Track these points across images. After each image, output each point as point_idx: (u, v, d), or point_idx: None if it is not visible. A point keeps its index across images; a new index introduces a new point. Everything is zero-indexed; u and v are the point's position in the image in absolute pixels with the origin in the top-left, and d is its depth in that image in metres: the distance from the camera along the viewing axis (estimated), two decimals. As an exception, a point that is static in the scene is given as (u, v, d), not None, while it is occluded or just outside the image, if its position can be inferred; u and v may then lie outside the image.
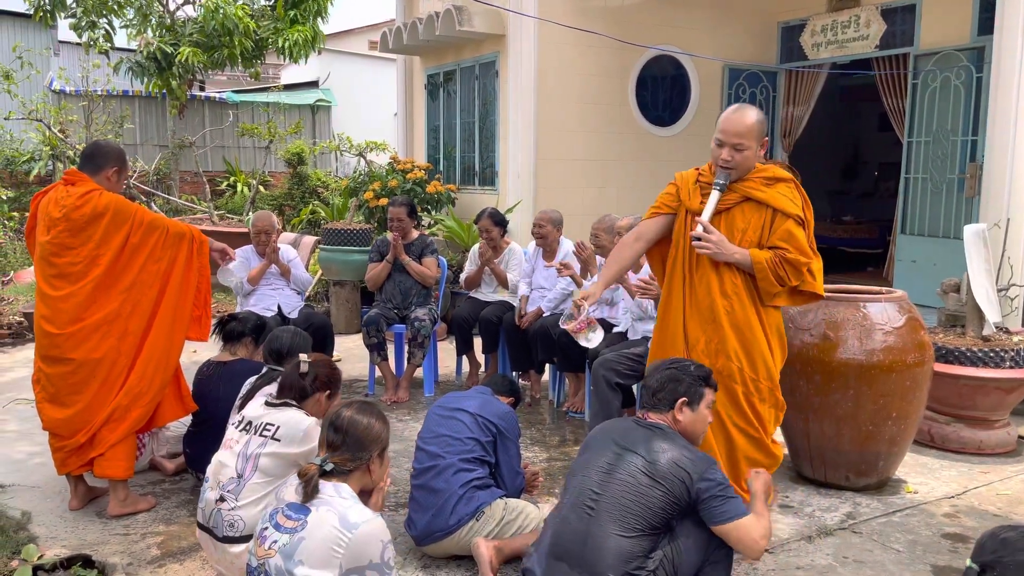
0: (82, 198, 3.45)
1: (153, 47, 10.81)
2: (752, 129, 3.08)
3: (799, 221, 3.09)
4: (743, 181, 3.15)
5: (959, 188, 7.51)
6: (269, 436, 2.98)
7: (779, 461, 3.30)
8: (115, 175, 3.60)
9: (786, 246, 3.07)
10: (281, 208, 11.12)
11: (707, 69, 8.78)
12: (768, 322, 3.16)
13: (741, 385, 3.13)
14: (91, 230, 3.45)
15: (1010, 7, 5.04)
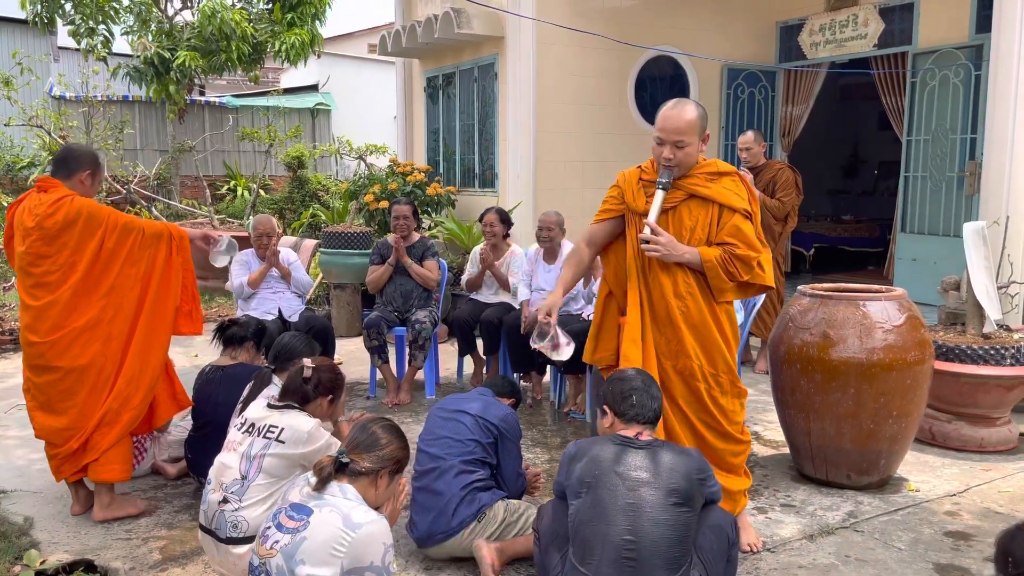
0: (53, 205, 3.40)
1: (151, 52, 10.83)
2: (692, 125, 3.01)
3: (746, 215, 3.07)
4: (687, 178, 3.10)
5: (959, 186, 7.51)
6: (273, 438, 2.99)
7: (749, 445, 3.30)
8: (88, 178, 3.53)
9: (734, 241, 3.04)
10: (282, 212, 11.14)
11: (706, 69, 8.79)
12: (722, 317, 3.16)
13: (703, 382, 3.12)
14: (65, 237, 3.41)
15: (1008, 5, 5.04)
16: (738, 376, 3.22)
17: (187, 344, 6.84)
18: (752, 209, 3.12)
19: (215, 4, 10.82)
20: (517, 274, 5.57)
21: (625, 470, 2.48)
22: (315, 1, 11.60)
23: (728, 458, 3.20)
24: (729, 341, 3.17)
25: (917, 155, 7.92)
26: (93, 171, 3.55)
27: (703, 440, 3.16)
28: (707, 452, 3.10)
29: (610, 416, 2.68)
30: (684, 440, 3.13)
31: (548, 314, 3.19)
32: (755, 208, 3.14)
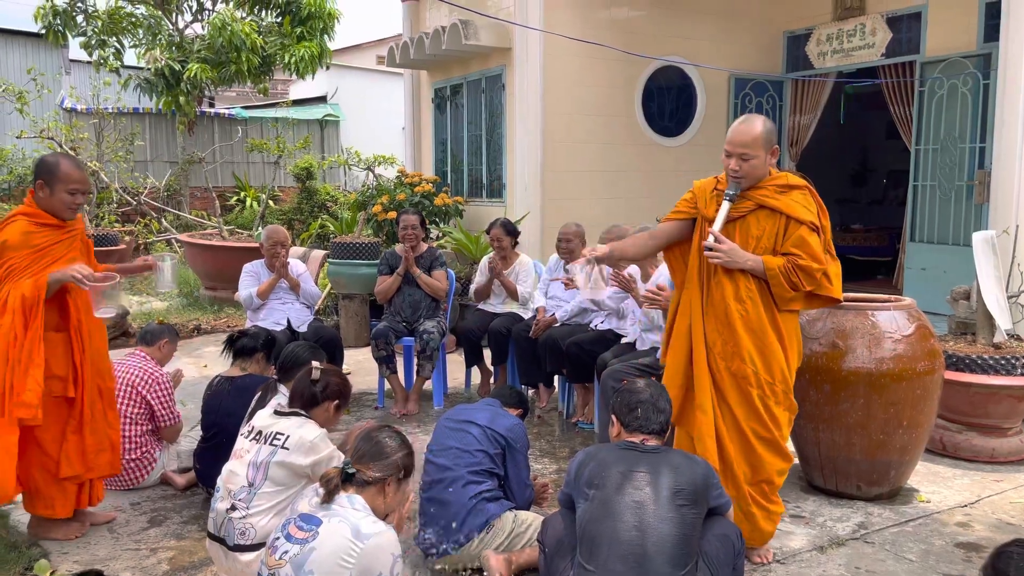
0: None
1: (161, 64, 10.93)
2: (758, 139, 3.10)
3: (813, 227, 3.10)
4: (757, 189, 3.17)
5: (968, 195, 7.49)
6: (279, 445, 3.00)
7: (791, 462, 3.29)
8: (41, 188, 3.32)
9: (799, 252, 3.08)
10: (290, 222, 11.19)
11: (713, 79, 8.80)
12: (784, 326, 3.17)
13: (756, 388, 3.14)
14: None
15: (1015, 14, 5.04)
16: (791, 389, 3.21)
17: (197, 355, 6.87)
18: (821, 223, 3.14)
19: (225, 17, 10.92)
20: (526, 283, 5.58)
21: (630, 471, 2.54)
22: (324, 14, 11.69)
23: (774, 474, 3.19)
24: (789, 352, 3.18)
25: (926, 164, 7.90)
26: (44, 180, 3.32)
27: (750, 448, 3.16)
28: (753, 462, 3.14)
29: (617, 426, 2.72)
30: (730, 445, 3.14)
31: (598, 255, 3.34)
32: (825, 221, 3.17)
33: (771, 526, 3.25)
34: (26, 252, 3.31)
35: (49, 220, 3.38)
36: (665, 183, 8.61)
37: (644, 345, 4.55)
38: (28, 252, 3.31)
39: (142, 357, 4.17)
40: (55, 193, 3.35)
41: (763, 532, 3.23)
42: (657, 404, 2.70)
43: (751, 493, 3.17)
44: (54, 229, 3.39)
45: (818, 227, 3.11)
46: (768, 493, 3.20)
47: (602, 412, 4.25)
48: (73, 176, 3.35)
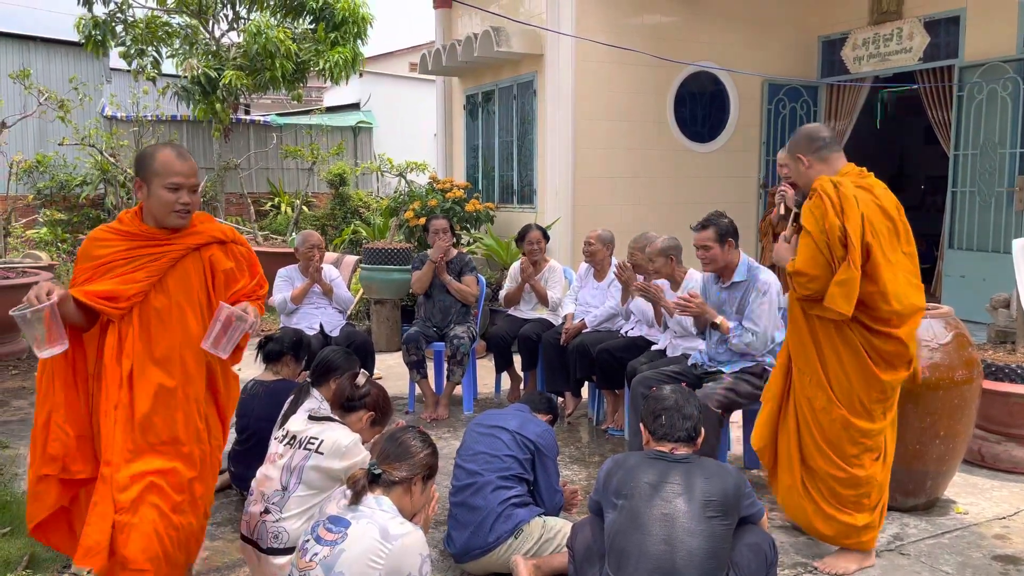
0: None
1: (198, 72, 11.12)
2: (784, 151, 3.42)
3: (805, 231, 3.09)
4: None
5: (1008, 201, 7.35)
6: (313, 449, 3.03)
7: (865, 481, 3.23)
8: (138, 189, 2.73)
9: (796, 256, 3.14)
10: (324, 228, 11.30)
11: (746, 84, 8.74)
12: (822, 334, 3.17)
13: (802, 390, 3.26)
14: None
15: (1057, 17, 4.95)
16: (836, 402, 3.16)
17: (231, 358, 6.97)
18: (823, 225, 3.03)
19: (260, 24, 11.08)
20: (556, 288, 5.58)
21: (660, 481, 2.51)
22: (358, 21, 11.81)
23: (829, 479, 3.20)
24: (840, 361, 3.13)
25: (965, 170, 7.77)
26: (141, 177, 2.70)
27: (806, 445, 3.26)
28: (809, 462, 3.24)
29: (645, 433, 2.70)
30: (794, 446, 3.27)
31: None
32: (827, 223, 3.02)
33: (827, 528, 3.24)
34: (87, 265, 2.69)
35: (131, 228, 2.70)
36: (697, 189, 8.56)
37: (675, 352, 4.53)
38: (89, 266, 2.68)
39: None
40: (153, 191, 2.66)
41: (818, 530, 3.27)
42: (683, 410, 2.67)
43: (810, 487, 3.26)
44: (131, 239, 2.68)
45: (809, 231, 3.06)
46: (828, 496, 3.21)
47: (632, 419, 4.23)
48: (174, 167, 2.63)
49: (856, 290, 2.98)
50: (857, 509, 3.19)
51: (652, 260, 4.53)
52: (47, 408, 2.69)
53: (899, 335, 3.09)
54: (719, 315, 4.03)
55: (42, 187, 12.20)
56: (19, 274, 7.17)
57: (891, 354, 3.11)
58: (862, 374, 3.11)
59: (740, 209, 8.41)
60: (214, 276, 2.81)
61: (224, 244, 2.84)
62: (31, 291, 2.51)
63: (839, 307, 3.00)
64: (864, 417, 3.14)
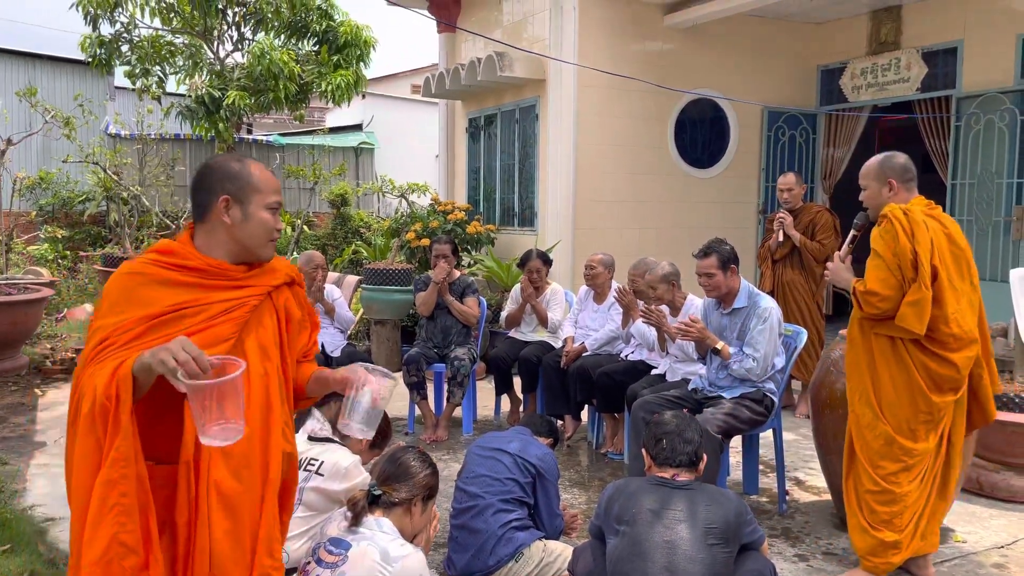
0: None
1: (202, 91, 11.21)
2: (869, 170, 3.41)
3: (876, 253, 3.24)
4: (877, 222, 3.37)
5: (1005, 231, 7.41)
6: (313, 471, 3.05)
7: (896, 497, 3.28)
8: (226, 210, 2.01)
9: (865, 278, 3.26)
10: (324, 248, 11.34)
11: (746, 112, 8.82)
12: (880, 354, 3.29)
13: (852, 408, 3.40)
14: None
15: (1053, 50, 5.03)
16: (882, 417, 3.27)
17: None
18: (895, 248, 3.18)
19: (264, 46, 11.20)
20: (557, 310, 5.61)
21: (662, 508, 2.52)
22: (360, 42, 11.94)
23: (863, 492, 3.32)
24: (892, 379, 3.24)
25: (962, 199, 7.83)
26: (233, 194, 2.01)
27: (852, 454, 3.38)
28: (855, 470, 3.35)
29: (647, 459, 2.72)
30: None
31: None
32: (898, 247, 3.17)
33: (861, 542, 3.33)
34: (136, 315, 1.86)
35: (197, 262, 1.96)
36: (697, 214, 8.62)
37: (675, 376, 4.55)
38: (140, 315, 1.86)
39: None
40: (251, 213, 2.02)
41: (855, 543, 3.37)
42: (684, 435, 2.69)
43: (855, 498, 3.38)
44: (201, 276, 1.96)
45: (880, 253, 3.21)
46: (866, 511, 3.31)
47: (632, 443, 4.24)
48: (272, 183, 2.07)
49: (928, 310, 3.14)
50: (888, 527, 3.26)
51: (654, 287, 4.57)
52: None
53: (955, 359, 3.21)
54: (720, 340, 4.06)
55: (44, 204, 12.25)
56: (20, 290, 7.19)
57: (943, 377, 3.22)
58: (911, 394, 3.23)
59: (739, 235, 8.46)
60: (288, 328, 2.12)
61: (293, 286, 2.17)
62: (176, 352, 1.69)
63: (911, 325, 3.15)
64: (908, 436, 3.24)
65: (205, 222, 2.01)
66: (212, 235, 2.00)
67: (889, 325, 3.21)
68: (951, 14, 7.78)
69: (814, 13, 8.59)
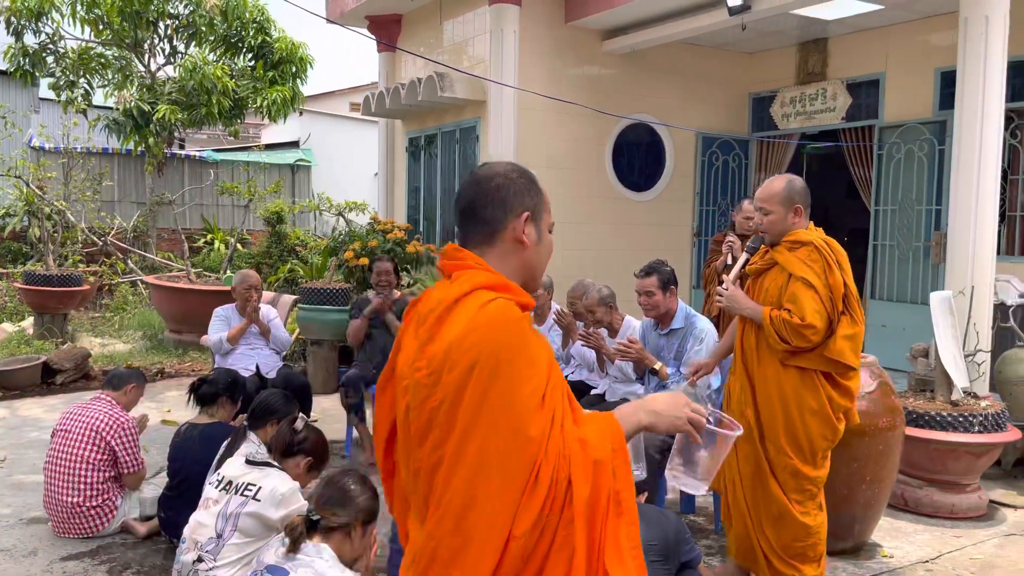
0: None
1: (131, 104, 10.94)
2: (776, 195, 3.25)
3: (807, 284, 3.13)
4: (776, 246, 3.30)
5: (925, 255, 7.73)
6: (251, 496, 2.97)
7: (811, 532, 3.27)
8: (524, 228, 1.73)
9: (789, 306, 3.15)
10: (259, 267, 11.12)
11: (681, 137, 9.04)
12: (789, 384, 3.20)
13: (759, 440, 3.28)
14: None
15: (970, 84, 5.29)
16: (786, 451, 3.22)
17: (160, 399, 6.76)
18: (827, 280, 3.12)
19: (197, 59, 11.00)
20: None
21: None
22: (296, 59, 11.83)
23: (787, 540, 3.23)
24: (800, 411, 3.17)
25: (885, 224, 8.16)
26: (532, 210, 1.78)
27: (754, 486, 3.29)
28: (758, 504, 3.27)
29: None
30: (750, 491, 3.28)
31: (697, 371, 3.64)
32: (832, 279, 3.14)
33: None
34: (553, 378, 1.56)
35: (527, 296, 1.67)
36: (634, 237, 8.76)
37: (614, 396, 4.59)
38: (553, 379, 1.56)
39: (108, 402, 4.10)
40: (543, 234, 1.78)
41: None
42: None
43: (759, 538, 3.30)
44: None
45: (813, 284, 3.12)
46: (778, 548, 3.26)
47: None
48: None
49: (860, 344, 3.14)
50: (803, 561, 3.24)
51: (592, 311, 4.61)
52: None
53: (852, 387, 3.24)
54: (658, 361, 4.12)
55: (-39, 218, 11.73)
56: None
57: (843, 406, 3.24)
58: (821, 424, 3.19)
59: (675, 257, 8.62)
60: None
61: None
62: (685, 406, 1.67)
63: (849, 360, 3.13)
64: (810, 464, 3.23)
65: (494, 244, 1.69)
66: (505, 260, 1.69)
67: (808, 357, 3.15)
68: (874, 48, 8.14)
69: (746, 43, 8.87)
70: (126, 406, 4.19)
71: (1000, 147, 5.32)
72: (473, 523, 1.45)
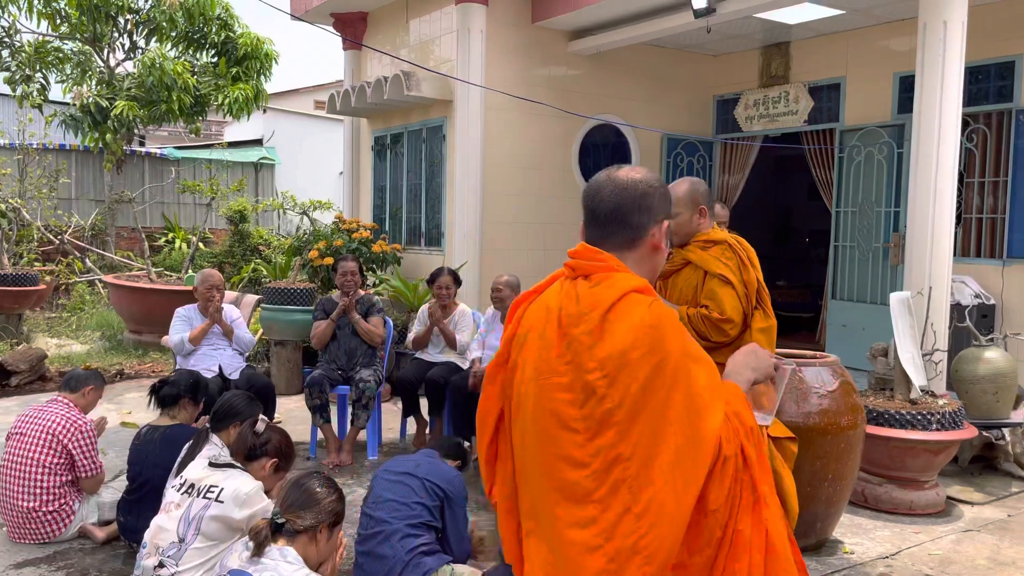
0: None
1: (88, 100, 10.71)
2: (680, 197, 3.31)
3: (724, 280, 3.25)
4: (686, 245, 3.38)
5: (884, 256, 7.88)
6: (213, 498, 2.93)
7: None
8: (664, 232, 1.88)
9: (708, 303, 3.26)
10: (222, 266, 10.97)
11: (647, 138, 9.10)
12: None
13: None
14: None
15: (928, 89, 5.40)
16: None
17: (119, 401, 6.62)
18: (742, 276, 3.26)
19: (157, 55, 10.80)
20: (465, 331, 5.60)
21: None
22: (260, 55, 11.68)
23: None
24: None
25: (845, 225, 8.30)
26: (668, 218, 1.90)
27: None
28: None
29: None
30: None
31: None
32: (747, 276, 3.29)
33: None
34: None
35: None
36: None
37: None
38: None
39: (65, 404, 4.01)
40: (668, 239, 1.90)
41: None
42: None
43: None
44: None
45: (730, 280, 3.25)
46: None
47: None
48: None
49: (774, 336, 3.23)
50: None
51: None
52: None
53: None
54: None
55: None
56: None
57: None
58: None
59: (640, 257, 8.68)
60: None
61: None
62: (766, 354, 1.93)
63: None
64: None
65: (634, 249, 1.80)
66: (641, 264, 1.80)
67: (725, 352, 3.11)
68: (835, 52, 8.28)
69: (710, 46, 8.96)
70: (84, 408, 4.10)
71: (957, 150, 5.44)
72: (672, 512, 1.57)
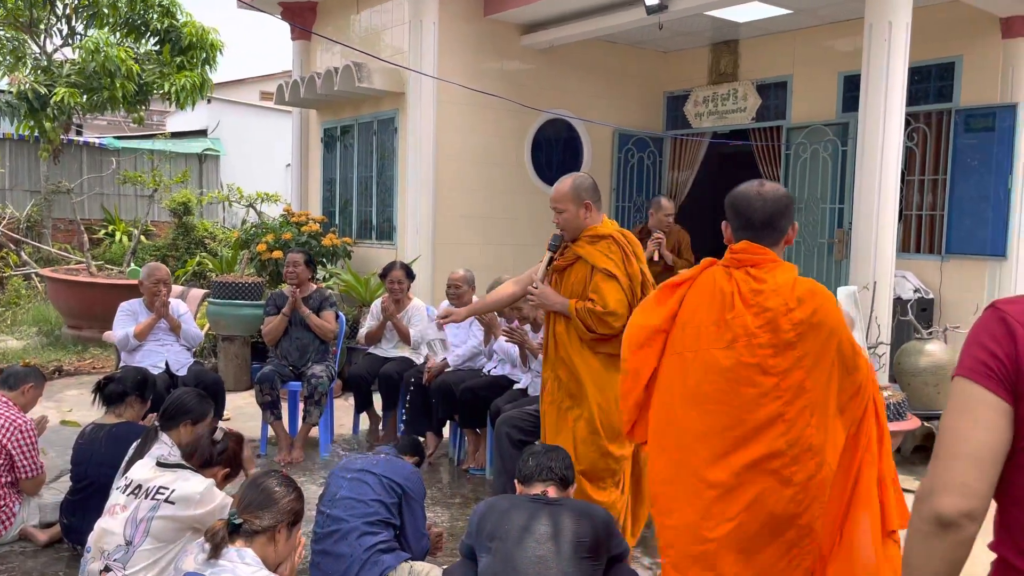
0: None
1: (25, 87, 10.31)
2: (565, 194, 3.46)
3: (608, 274, 3.36)
4: (575, 241, 3.50)
5: (829, 252, 8.07)
6: (163, 499, 2.85)
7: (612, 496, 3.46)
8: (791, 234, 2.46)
9: (594, 297, 3.37)
10: (165, 259, 10.69)
11: (598, 133, 9.14)
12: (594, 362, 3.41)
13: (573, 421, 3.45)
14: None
15: (873, 88, 5.54)
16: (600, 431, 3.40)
17: (58, 399, 6.40)
18: (626, 270, 3.36)
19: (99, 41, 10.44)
20: (418, 326, 5.55)
21: (533, 524, 2.54)
22: (206, 44, 11.39)
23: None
24: (611, 396, 3.33)
25: (792, 221, 8.46)
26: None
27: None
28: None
29: (518, 486, 2.76)
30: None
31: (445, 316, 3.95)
32: (631, 269, 3.39)
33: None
34: None
35: None
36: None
37: (537, 391, 4.60)
38: None
39: (3, 402, 3.85)
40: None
41: None
42: (549, 454, 2.78)
43: None
44: None
45: (614, 274, 3.35)
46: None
47: (495, 458, 4.25)
48: None
49: None
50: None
51: (518, 307, 4.62)
52: None
53: None
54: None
55: None
56: None
57: None
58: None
59: (592, 251, 8.73)
60: None
61: None
62: None
63: None
64: (617, 443, 3.42)
65: (778, 245, 2.36)
66: (781, 255, 2.37)
67: (612, 344, 3.30)
68: (782, 51, 8.43)
69: (661, 42, 9.05)
70: (23, 407, 3.95)
71: (901, 149, 5.59)
72: (834, 425, 2.22)
